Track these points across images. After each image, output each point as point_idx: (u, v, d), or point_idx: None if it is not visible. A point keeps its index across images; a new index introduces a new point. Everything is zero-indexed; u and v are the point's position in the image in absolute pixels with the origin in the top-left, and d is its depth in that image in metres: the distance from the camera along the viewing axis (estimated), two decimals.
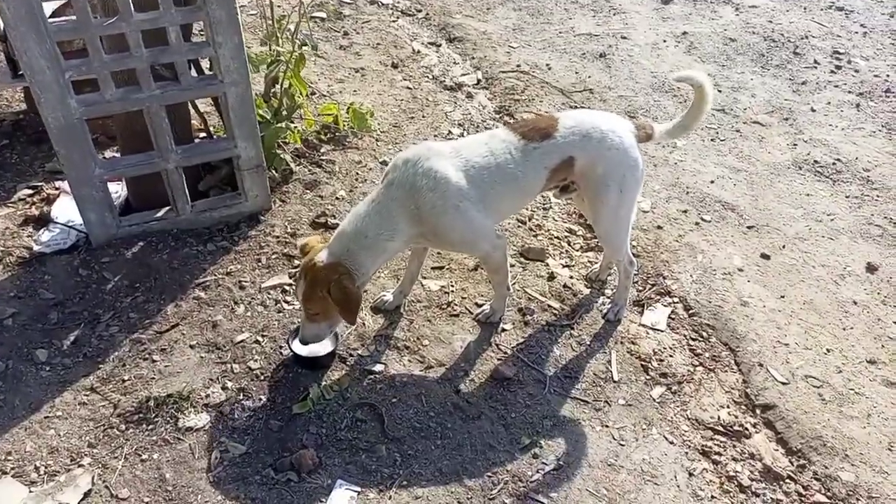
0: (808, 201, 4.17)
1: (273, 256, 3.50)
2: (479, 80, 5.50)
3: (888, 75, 5.58)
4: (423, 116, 4.94)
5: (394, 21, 6.41)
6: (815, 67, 5.67)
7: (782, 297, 3.46)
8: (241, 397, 2.80)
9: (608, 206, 2.92)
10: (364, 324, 3.16)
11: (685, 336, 3.26)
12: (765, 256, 3.71)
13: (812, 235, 3.88)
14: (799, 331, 3.26)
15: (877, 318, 3.36)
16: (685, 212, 4.04)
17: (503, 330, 3.21)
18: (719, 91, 5.31)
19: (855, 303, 3.43)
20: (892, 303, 3.46)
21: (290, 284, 3.35)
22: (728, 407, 2.93)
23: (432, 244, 2.91)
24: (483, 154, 2.76)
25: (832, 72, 5.62)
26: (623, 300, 3.32)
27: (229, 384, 2.85)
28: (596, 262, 3.67)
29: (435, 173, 2.67)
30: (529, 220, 3.97)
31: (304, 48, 3.68)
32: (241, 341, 3.03)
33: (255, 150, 3.50)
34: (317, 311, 2.66)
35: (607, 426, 2.79)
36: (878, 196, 4.23)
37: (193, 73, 3.35)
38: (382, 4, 6.68)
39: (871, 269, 3.65)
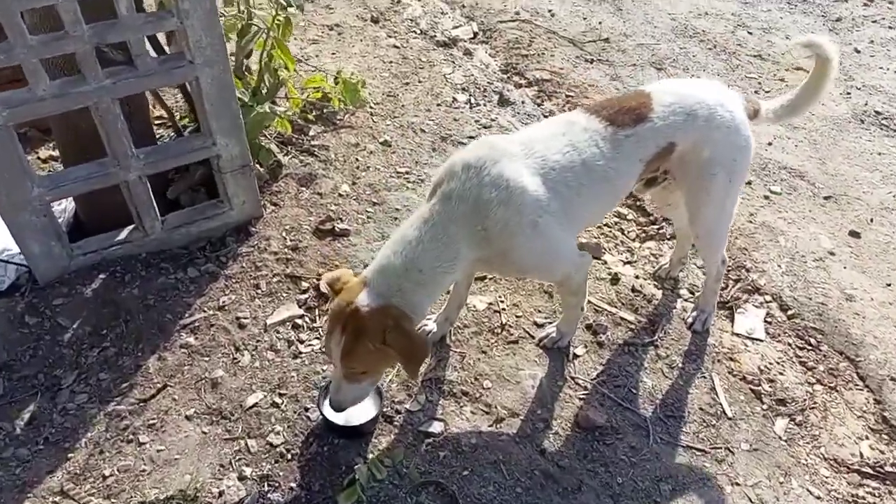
0: (881, 162, 3.62)
1: (274, 280, 2.79)
2: (475, 34, 4.73)
3: None
4: (420, 81, 4.19)
5: None
6: (846, 0, 5.08)
7: (888, 285, 2.93)
8: (267, 489, 2.13)
9: (713, 199, 2.30)
10: None
11: (790, 345, 2.71)
12: (854, 234, 3.17)
13: None
14: None
15: None
16: (749, 183, 3.46)
17: (575, 356, 2.60)
18: (749, 34, 4.68)
19: None
20: None
21: (300, 317, 2.66)
22: (867, 438, 2.40)
23: (496, 270, 2.26)
24: (562, 149, 2.09)
25: (865, 5, 5.04)
26: (711, 306, 2.74)
27: (247, 471, 2.17)
28: (659, 253, 3.07)
29: (507, 182, 1.99)
30: None
31: (289, 10, 2.87)
32: (254, 406, 2.35)
33: (238, 146, 2.73)
34: (363, 368, 2.00)
35: (738, 483, 2.23)
36: None
37: (152, 52, 2.54)
38: None
39: None
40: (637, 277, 2.96)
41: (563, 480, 2.19)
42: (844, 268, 3.00)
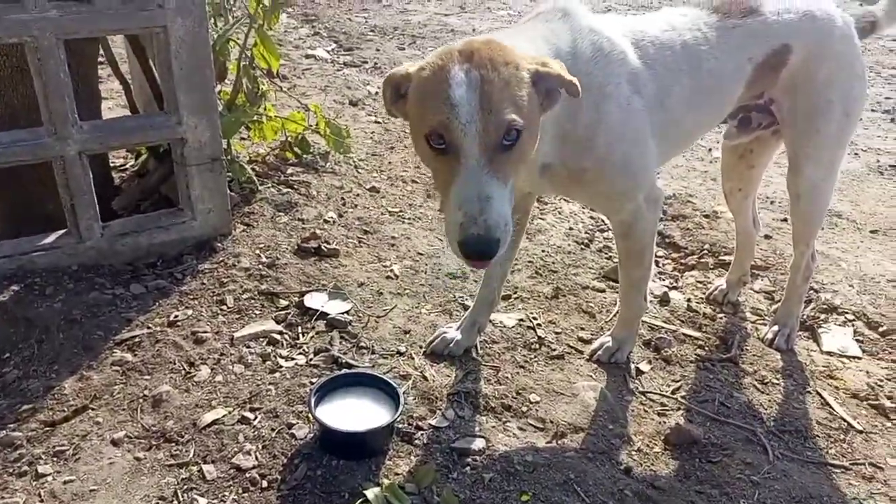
0: None
1: (244, 296, 2.17)
2: None
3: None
4: (405, 147, 3.84)
5: (338, 70, 5.43)
6: None
7: None
8: None
9: (823, 142, 1.92)
10: (425, 377, 1.86)
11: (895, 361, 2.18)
12: None
13: None
14: None
15: None
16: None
17: (639, 372, 2.01)
18: None
19: None
20: None
21: (279, 333, 2.02)
22: None
23: (569, 174, 1.65)
24: (661, 27, 1.75)
25: None
26: (795, 318, 2.22)
27: (201, 502, 1.44)
28: (706, 281, 2.59)
29: (598, 36, 1.61)
30: (591, 242, 2.86)
31: None
32: (214, 424, 1.65)
33: (209, 130, 2.24)
34: (521, 118, 1.29)
35: None
36: None
37: None
38: (320, 58, 5.74)
39: None
40: (689, 300, 2.45)
41: None
42: None
